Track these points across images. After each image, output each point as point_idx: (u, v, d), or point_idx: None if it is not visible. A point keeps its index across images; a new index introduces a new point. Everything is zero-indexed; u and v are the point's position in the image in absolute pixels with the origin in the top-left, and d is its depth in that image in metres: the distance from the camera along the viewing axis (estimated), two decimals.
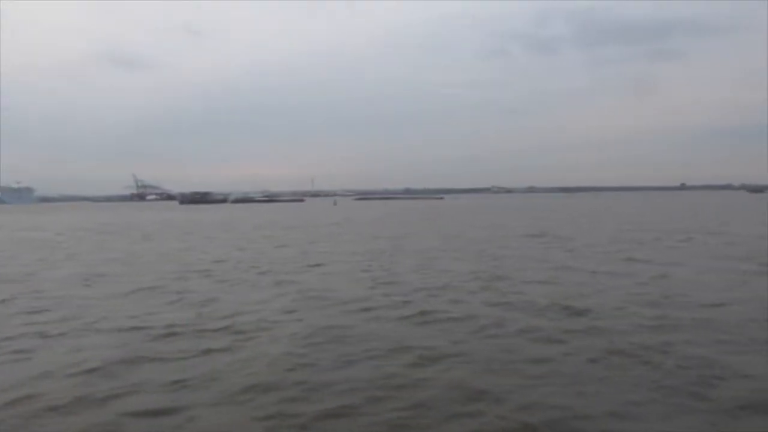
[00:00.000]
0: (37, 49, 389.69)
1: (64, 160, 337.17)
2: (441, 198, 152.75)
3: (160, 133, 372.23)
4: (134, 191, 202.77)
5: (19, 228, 43.75)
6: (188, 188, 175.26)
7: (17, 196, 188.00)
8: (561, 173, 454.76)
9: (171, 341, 8.28)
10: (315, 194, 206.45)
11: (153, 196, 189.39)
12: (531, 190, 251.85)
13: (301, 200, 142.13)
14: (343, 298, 11.33)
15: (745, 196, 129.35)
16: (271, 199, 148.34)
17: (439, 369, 6.83)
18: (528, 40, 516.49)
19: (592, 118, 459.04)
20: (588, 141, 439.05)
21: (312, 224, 40.61)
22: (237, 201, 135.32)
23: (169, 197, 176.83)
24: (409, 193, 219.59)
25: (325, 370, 6.84)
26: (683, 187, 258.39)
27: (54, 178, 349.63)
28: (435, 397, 5.88)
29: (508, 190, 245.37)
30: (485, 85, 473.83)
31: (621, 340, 7.85)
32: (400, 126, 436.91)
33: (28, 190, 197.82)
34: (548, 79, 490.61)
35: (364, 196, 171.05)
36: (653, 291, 11.57)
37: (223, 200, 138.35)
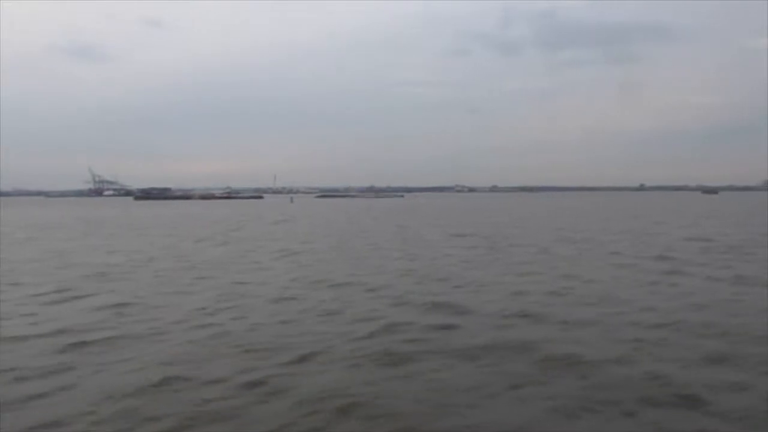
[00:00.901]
0: None
1: (20, 153, 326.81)
2: (401, 196, 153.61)
3: (121, 128, 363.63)
4: (91, 186, 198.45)
5: None
6: (149, 184, 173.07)
7: None
8: (523, 173, 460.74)
9: None
10: (277, 191, 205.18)
11: (110, 192, 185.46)
12: (494, 189, 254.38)
13: (260, 197, 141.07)
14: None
15: (699, 197, 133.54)
16: (230, 195, 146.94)
17: None
18: (490, 41, 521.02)
19: (554, 119, 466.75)
20: (550, 141, 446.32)
21: (230, 221, 40.61)
22: (201, 198, 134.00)
23: (128, 193, 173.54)
24: (373, 191, 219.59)
25: None
26: (642, 188, 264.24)
27: (10, 172, 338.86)
28: None
29: (471, 189, 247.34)
30: (448, 85, 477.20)
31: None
32: (364, 124, 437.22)
33: None
34: (510, 79, 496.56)
35: (326, 194, 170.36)
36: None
37: (185, 197, 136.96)
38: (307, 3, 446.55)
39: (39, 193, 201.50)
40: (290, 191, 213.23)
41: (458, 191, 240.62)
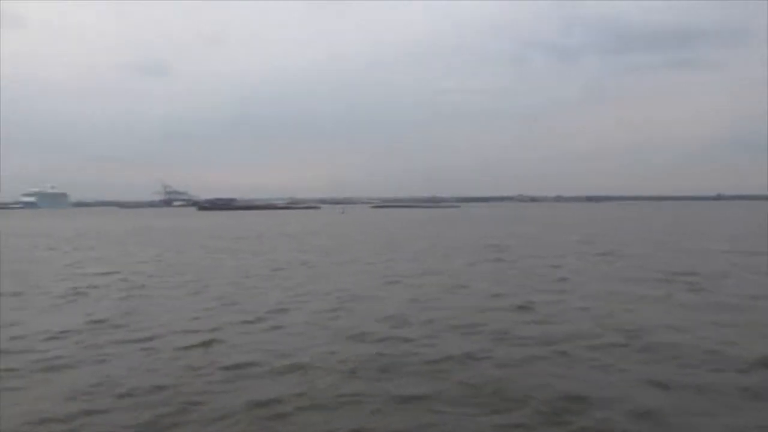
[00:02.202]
0: (70, 59, 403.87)
1: (99, 166, 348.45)
2: (457, 206, 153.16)
3: (189, 140, 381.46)
4: (162, 197, 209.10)
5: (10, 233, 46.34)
6: (216, 195, 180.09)
7: (52, 200, 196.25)
8: (586, 182, 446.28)
9: None
10: (337, 202, 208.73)
11: (179, 202, 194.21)
12: (558, 199, 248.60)
13: (318, 207, 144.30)
14: None
15: None
16: (288, 206, 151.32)
17: None
18: (549, 48, 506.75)
19: (617, 126, 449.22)
20: (613, 149, 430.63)
21: (271, 233, 41.93)
22: (263, 208, 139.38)
23: (195, 203, 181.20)
24: (434, 201, 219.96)
25: None
26: (720, 197, 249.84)
27: (90, 184, 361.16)
28: None
29: (533, 199, 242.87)
30: (507, 92, 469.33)
31: None
32: (422, 133, 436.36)
33: (63, 195, 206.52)
34: (569, 86, 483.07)
35: (383, 204, 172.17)
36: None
37: (248, 207, 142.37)
38: (361, 17, 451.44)
39: (115, 204, 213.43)
40: (349, 201, 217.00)
41: (520, 201, 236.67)
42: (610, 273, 16.95)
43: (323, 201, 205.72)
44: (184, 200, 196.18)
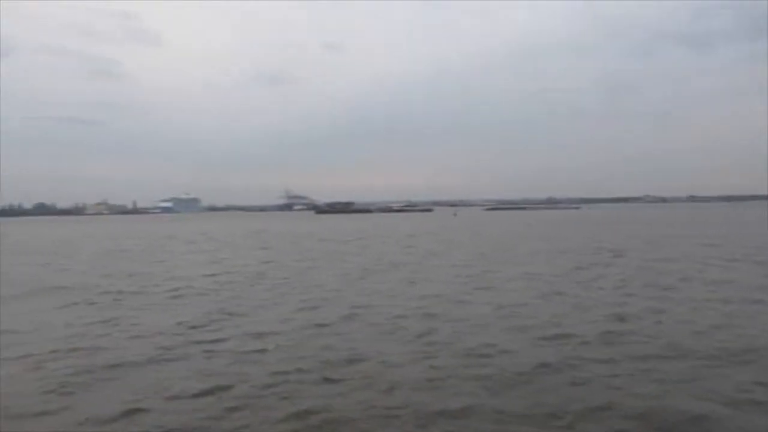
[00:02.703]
0: (200, 72, 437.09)
1: (226, 172, 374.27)
2: (577, 208, 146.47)
3: (310, 146, 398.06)
4: (284, 201, 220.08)
5: (138, 234, 50.76)
6: (334, 198, 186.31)
7: (186, 205, 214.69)
8: (724, 180, 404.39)
9: None
10: (451, 204, 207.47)
11: (299, 206, 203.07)
12: (692, 199, 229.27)
13: (430, 210, 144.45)
14: None
15: None
16: (403, 209, 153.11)
17: None
18: (678, 38, 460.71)
19: (759, 119, 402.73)
20: (756, 145, 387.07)
21: (368, 235, 42.15)
22: (380, 211, 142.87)
23: (315, 207, 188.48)
24: (551, 203, 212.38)
25: None
26: None
27: (220, 189, 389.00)
28: None
29: (663, 199, 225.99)
30: (631, 87, 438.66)
31: None
32: (541, 133, 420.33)
33: (195, 200, 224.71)
34: (703, 77, 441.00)
35: (497, 206, 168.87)
36: None
37: (365, 210, 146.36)
38: (471, 18, 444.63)
39: (241, 208, 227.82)
40: (464, 204, 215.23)
41: (648, 202, 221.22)
42: None
43: (437, 203, 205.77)
44: (304, 204, 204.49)
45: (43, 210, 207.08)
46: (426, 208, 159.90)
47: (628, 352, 8.02)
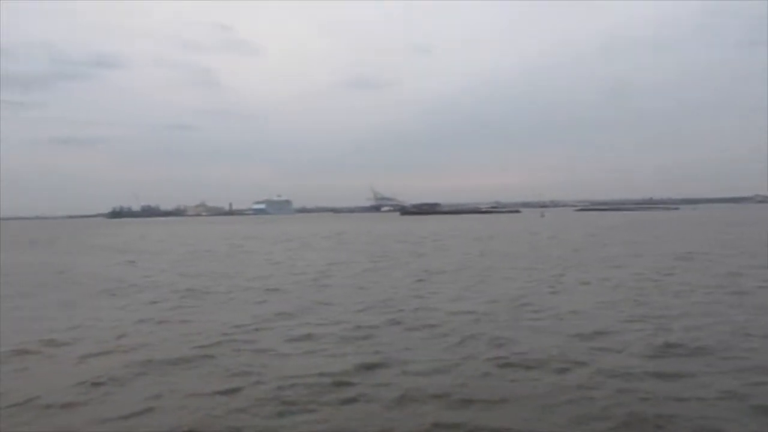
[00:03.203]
0: (293, 78, 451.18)
1: (319, 175, 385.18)
2: (676, 209, 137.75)
3: (399, 147, 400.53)
4: (373, 203, 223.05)
5: (229, 235, 53.15)
6: (421, 199, 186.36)
7: (278, 207, 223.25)
8: None
9: None
10: (542, 205, 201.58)
11: (387, 208, 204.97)
12: None
13: (518, 212, 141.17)
14: None
15: None
16: (491, 210, 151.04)
17: None
18: None
19: None
20: None
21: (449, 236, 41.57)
22: (466, 212, 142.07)
23: (402, 209, 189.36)
24: (650, 203, 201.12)
25: None
26: None
27: (311, 191, 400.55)
28: None
29: None
30: (734, 82, 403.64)
31: None
32: (636, 131, 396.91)
33: (287, 202, 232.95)
34: None
35: (589, 207, 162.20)
36: None
37: (453, 211, 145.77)
38: (558, 18, 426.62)
39: (331, 210, 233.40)
40: (554, 204, 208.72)
41: (759, 201, 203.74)
42: None
43: (527, 204, 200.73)
44: (391, 205, 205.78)
45: (149, 212, 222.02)
46: (514, 209, 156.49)
47: None
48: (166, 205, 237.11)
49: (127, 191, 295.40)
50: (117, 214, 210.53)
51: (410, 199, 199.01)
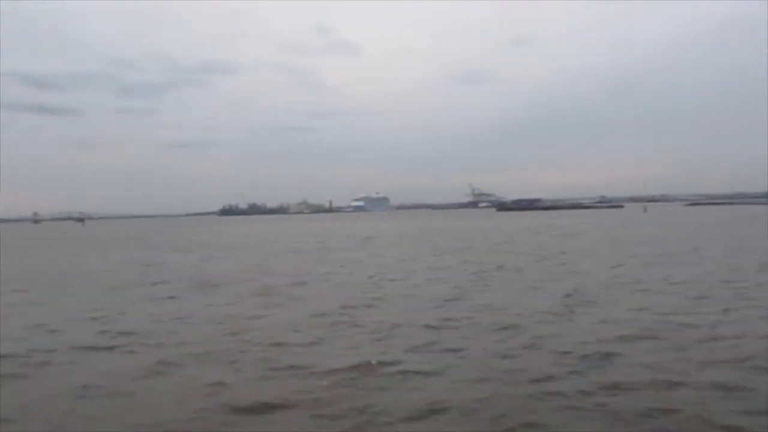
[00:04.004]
0: (393, 77, 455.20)
1: (418, 172, 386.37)
2: None
3: (496, 143, 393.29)
4: (471, 199, 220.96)
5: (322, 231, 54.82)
6: (523, 195, 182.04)
7: (376, 204, 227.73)
8: None
9: None
10: (650, 200, 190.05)
11: (484, 204, 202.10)
12: None
13: (621, 207, 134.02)
14: None
15: None
16: (593, 205, 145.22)
17: None
18: None
19: None
20: None
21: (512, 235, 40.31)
22: (567, 207, 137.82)
23: (500, 204, 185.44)
24: None
25: None
26: None
27: (410, 188, 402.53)
28: None
29: None
30: None
31: None
32: (757, 114, 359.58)
33: (385, 199, 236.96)
34: None
35: (702, 201, 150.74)
36: None
37: (553, 207, 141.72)
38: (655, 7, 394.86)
39: (428, 206, 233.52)
40: (664, 199, 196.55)
41: None
42: None
43: (633, 199, 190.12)
44: (490, 201, 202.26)
45: (255, 210, 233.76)
46: (617, 204, 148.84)
47: None
48: (271, 203, 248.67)
49: (235, 190, 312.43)
50: (226, 211, 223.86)
51: (510, 194, 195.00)
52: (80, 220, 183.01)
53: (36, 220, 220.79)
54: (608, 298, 12.43)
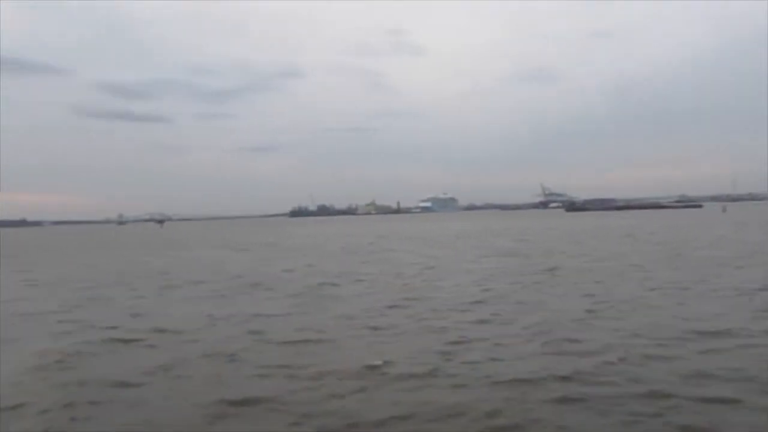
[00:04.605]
0: (460, 76, 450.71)
1: (488, 171, 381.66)
2: None
3: (572, 140, 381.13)
4: (542, 199, 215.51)
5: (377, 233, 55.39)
6: (597, 194, 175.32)
7: (444, 204, 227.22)
8: None
9: None
10: (734, 199, 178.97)
11: (555, 204, 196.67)
12: None
13: (699, 206, 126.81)
14: None
15: None
16: (671, 205, 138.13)
17: None
18: None
19: None
20: None
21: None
22: (643, 207, 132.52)
23: (571, 204, 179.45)
24: None
25: None
26: None
27: (479, 188, 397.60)
28: None
29: None
30: None
31: None
32: None
33: (453, 200, 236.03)
34: None
35: None
36: None
37: (626, 207, 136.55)
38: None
39: (497, 207, 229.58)
40: (754, 198, 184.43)
41: None
42: None
43: (716, 198, 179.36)
44: (561, 201, 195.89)
45: (323, 211, 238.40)
46: (695, 204, 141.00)
47: None
48: (340, 205, 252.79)
49: (305, 192, 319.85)
50: (296, 213, 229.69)
51: (582, 194, 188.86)
52: (160, 221, 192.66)
53: (121, 222, 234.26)
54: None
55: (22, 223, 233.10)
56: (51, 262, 31.96)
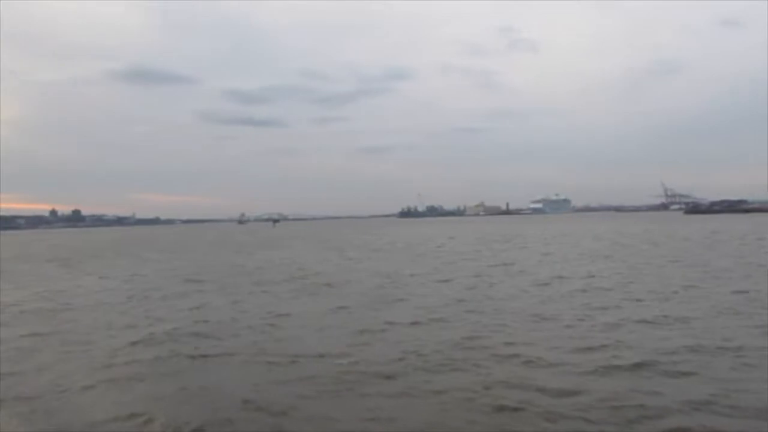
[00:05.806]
0: (574, 73, 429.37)
1: (606, 171, 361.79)
2: None
3: (693, 138, 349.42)
4: (663, 200, 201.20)
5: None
6: (730, 196, 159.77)
7: (555, 206, 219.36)
8: None
9: None
10: None
11: (676, 206, 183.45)
12: None
13: None
14: None
15: None
16: None
17: None
18: None
19: None
20: None
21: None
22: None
23: (695, 206, 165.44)
24: None
25: None
26: None
27: (596, 189, 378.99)
28: None
29: None
30: None
31: None
32: None
33: (565, 201, 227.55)
34: None
35: None
36: None
37: (762, 209, 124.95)
38: None
39: (614, 208, 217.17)
40: None
41: None
42: None
43: None
44: (684, 203, 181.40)
45: (432, 212, 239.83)
46: None
47: None
48: (449, 205, 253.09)
49: (415, 193, 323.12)
50: (405, 214, 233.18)
51: (710, 195, 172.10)
52: (275, 221, 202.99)
53: (241, 221, 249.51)
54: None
55: (156, 221, 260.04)
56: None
